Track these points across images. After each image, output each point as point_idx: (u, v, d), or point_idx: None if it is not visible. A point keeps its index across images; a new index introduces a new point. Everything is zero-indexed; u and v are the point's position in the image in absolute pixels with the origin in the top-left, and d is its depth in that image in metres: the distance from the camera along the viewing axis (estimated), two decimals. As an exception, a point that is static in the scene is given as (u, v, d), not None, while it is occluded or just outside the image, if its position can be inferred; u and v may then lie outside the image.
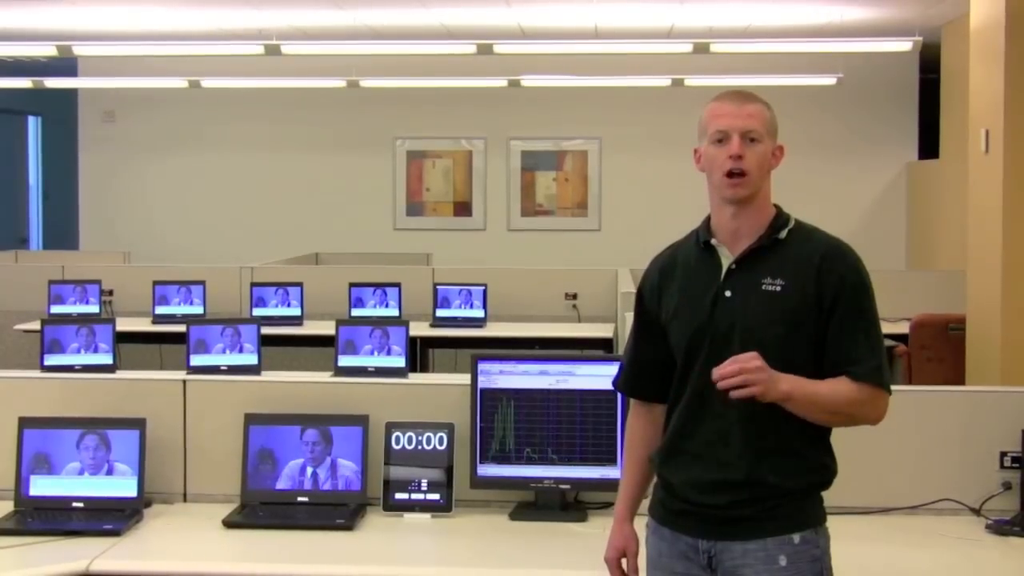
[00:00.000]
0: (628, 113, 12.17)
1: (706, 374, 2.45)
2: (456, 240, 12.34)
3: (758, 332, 2.45)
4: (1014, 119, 5.92)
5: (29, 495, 3.43)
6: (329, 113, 12.47)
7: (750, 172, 2.48)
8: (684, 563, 2.52)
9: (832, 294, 2.46)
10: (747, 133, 2.48)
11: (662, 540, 2.57)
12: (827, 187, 11.40)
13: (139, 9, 9.70)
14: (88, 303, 8.03)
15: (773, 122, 2.54)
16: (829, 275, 2.46)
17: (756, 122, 2.49)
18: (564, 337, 7.51)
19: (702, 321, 2.50)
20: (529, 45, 10.53)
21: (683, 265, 2.60)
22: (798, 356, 2.45)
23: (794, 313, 2.46)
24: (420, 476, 3.47)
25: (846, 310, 2.46)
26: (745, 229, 2.52)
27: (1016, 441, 3.39)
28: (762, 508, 2.44)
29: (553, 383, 3.49)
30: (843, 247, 2.52)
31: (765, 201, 2.54)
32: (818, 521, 2.49)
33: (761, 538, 2.44)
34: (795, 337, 2.45)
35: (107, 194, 12.79)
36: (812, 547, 2.45)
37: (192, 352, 5.64)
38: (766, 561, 2.43)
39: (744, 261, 2.51)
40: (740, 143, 2.47)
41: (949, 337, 6.87)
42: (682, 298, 2.56)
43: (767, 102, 2.56)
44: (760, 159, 2.49)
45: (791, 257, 2.49)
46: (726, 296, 2.50)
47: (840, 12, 9.66)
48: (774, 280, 2.47)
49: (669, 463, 2.56)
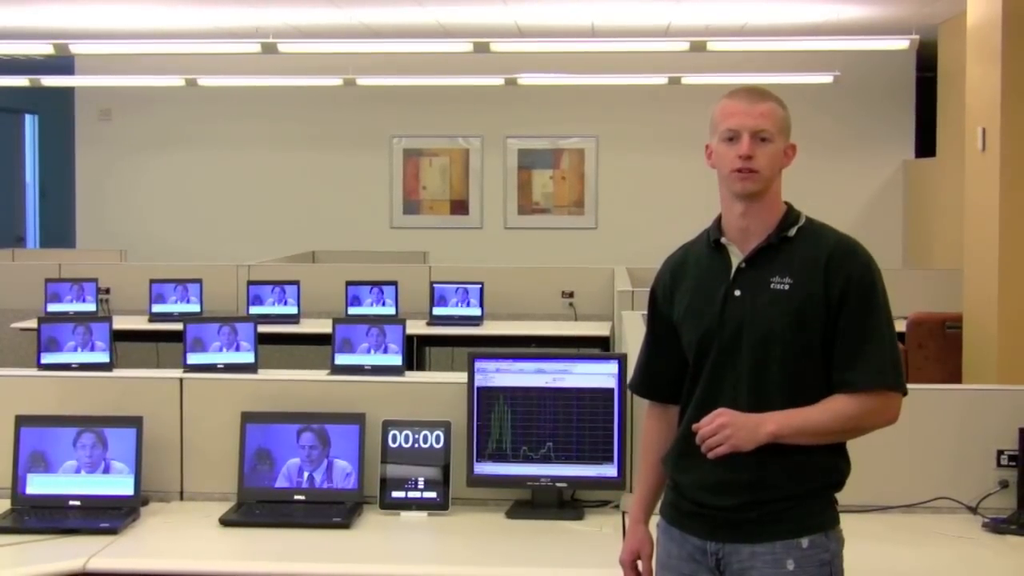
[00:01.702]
0: (625, 111, 12.17)
1: (715, 374, 2.47)
2: (453, 238, 12.33)
3: (766, 332, 2.44)
4: (1011, 117, 5.92)
5: (26, 493, 3.43)
6: (326, 111, 12.47)
7: (760, 170, 2.47)
8: (692, 565, 2.51)
9: (839, 293, 2.44)
10: (758, 132, 2.47)
11: (671, 541, 2.56)
12: (824, 185, 11.40)
13: (135, 8, 9.68)
14: (85, 301, 8.02)
15: (786, 120, 2.52)
16: (837, 274, 2.44)
17: (767, 121, 2.47)
18: (561, 335, 7.52)
19: (712, 321, 2.50)
20: (526, 43, 10.52)
21: (694, 264, 2.58)
22: (807, 356, 2.44)
23: (801, 312, 2.44)
24: (417, 474, 3.47)
25: (852, 310, 2.44)
26: (754, 227, 2.51)
27: (1013, 439, 3.39)
28: (770, 511, 2.43)
29: (550, 381, 3.49)
30: (852, 245, 2.49)
31: (775, 199, 2.53)
32: (828, 524, 2.46)
33: (769, 541, 2.42)
34: (803, 336, 2.44)
35: (104, 192, 12.78)
36: (821, 551, 2.43)
37: (189, 350, 5.64)
38: (774, 565, 2.41)
39: (753, 260, 2.50)
40: (750, 143, 2.46)
41: (946, 335, 6.87)
42: (693, 298, 2.55)
43: (780, 99, 2.54)
44: (771, 158, 2.48)
45: (799, 256, 2.48)
46: (735, 295, 2.49)
47: (837, 10, 9.66)
48: (782, 279, 2.46)
49: (679, 464, 2.56)
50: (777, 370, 2.45)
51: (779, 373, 2.45)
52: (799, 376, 2.45)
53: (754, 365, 2.46)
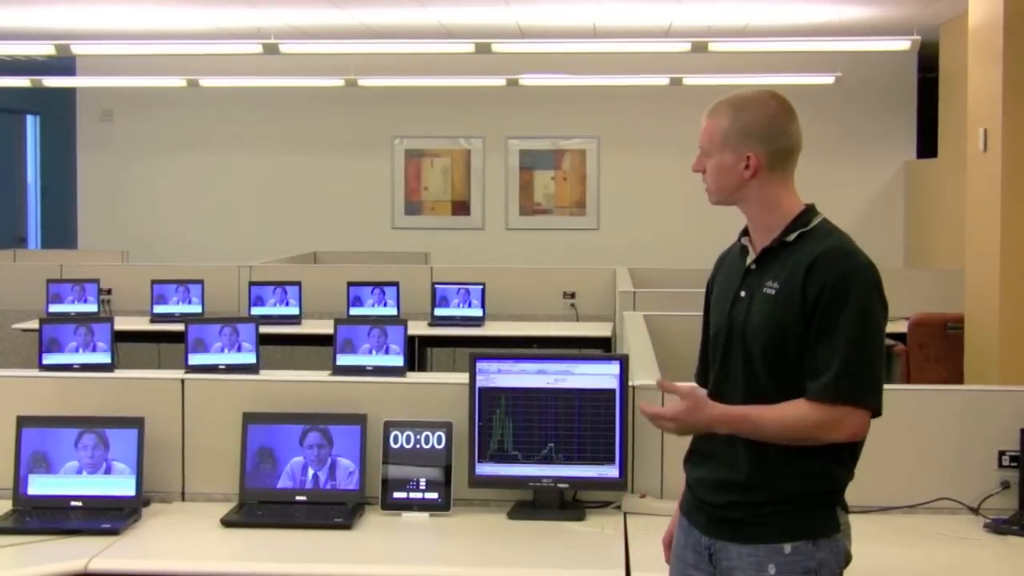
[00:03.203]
0: (626, 112, 12.17)
1: (720, 374, 2.54)
2: (454, 239, 12.34)
3: (752, 334, 2.48)
4: (1012, 118, 5.92)
5: (27, 494, 3.43)
6: (327, 112, 12.47)
7: (707, 184, 2.58)
8: (694, 555, 2.57)
9: (813, 299, 2.41)
10: (702, 148, 2.58)
11: (682, 530, 2.63)
12: (825, 186, 11.29)
13: (137, 8, 9.69)
14: (86, 302, 8.03)
15: (729, 133, 2.51)
16: (814, 279, 2.42)
17: (704, 137, 2.57)
18: (562, 336, 7.51)
19: (722, 321, 2.56)
20: (527, 44, 10.52)
21: (728, 262, 2.66)
22: (786, 362, 2.45)
23: (781, 317, 2.44)
24: (418, 475, 3.47)
25: (822, 317, 2.41)
26: (764, 230, 2.54)
27: (1014, 440, 3.39)
28: (756, 513, 2.44)
29: (551, 382, 3.49)
30: (840, 251, 2.45)
31: (769, 203, 2.52)
32: (817, 532, 2.43)
33: (753, 543, 2.44)
34: (781, 342, 2.44)
35: (105, 193, 12.79)
36: (806, 559, 2.41)
37: (190, 351, 5.64)
38: (756, 567, 2.43)
39: (759, 263, 2.53)
40: (698, 159, 2.58)
41: (947, 336, 6.87)
42: (718, 294, 2.64)
43: (734, 107, 2.52)
44: (714, 172, 2.55)
45: (792, 260, 2.48)
46: (740, 297, 2.54)
47: (838, 11, 9.66)
48: (772, 283, 2.48)
49: (689, 459, 2.63)
50: (760, 374, 2.47)
51: (762, 377, 2.47)
52: (779, 380, 2.45)
53: (744, 366, 2.50)
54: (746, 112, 2.51)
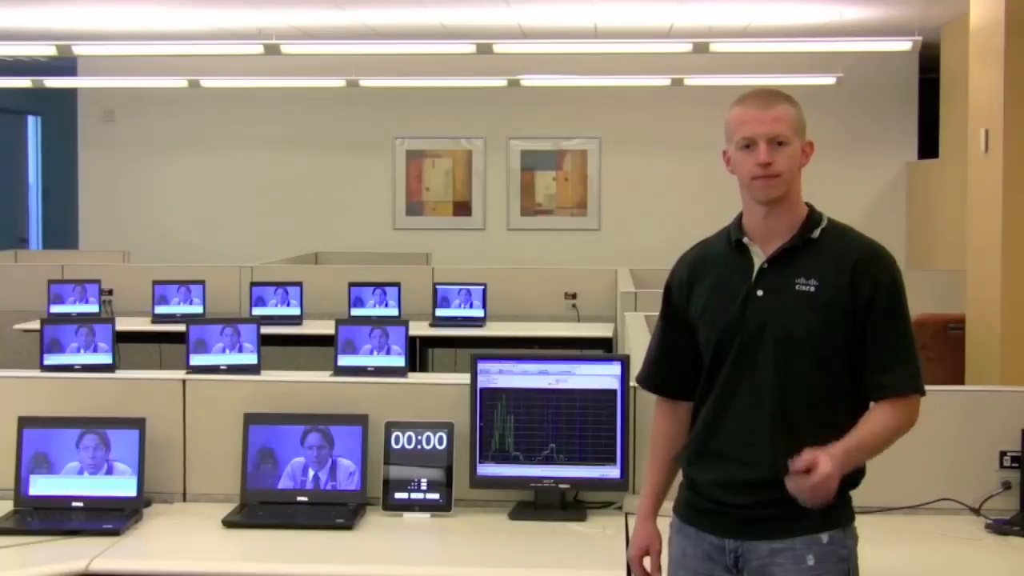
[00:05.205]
0: (628, 113, 12.17)
1: (734, 373, 2.48)
2: (456, 240, 12.34)
3: (790, 332, 2.45)
4: (1013, 119, 5.91)
5: (29, 495, 3.43)
6: (329, 113, 12.47)
7: (782, 173, 2.47)
8: (707, 563, 2.52)
9: (867, 297, 2.45)
10: (774, 138, 2.47)
11: (687, 540, 2.56)
12: (826, 187, 11.25)
13: (138, 9, 9.69)
14: (88, 303, 8.03)
15: (800, 120, 2.52)
16: (864, 278, 2.45)
17: (782, 125, 2.47)
18: (563, 336, 7.51)
19: (732, 320, 2.50)
20: (529, 45, 10.52)
21: (714, 263, 2.59)
22: (832, 356, 2.46)
23: (828, 314, 2.45)
24: (420, 476, 3.47)
25: (881, 313, 2.45)
26: (777, 228, 2.52)
27: (1016, 440, 3.39)
28: (789, 508, 2.41)
29: (552, 383, 3.49)
30: (878, 249, 2.52)
31: (796, 200, 2.54)
32: (846, 521, 2.49)
33: (789, 537, 2.43)
34: (828, 337, 2.45)
35: (107, 194, 12.79)
36: (839, 547, 2.45)
37: (192, 352, 5.64)
38: (794, 560, 2.42)
39: (776, 261, 2.51)
40: (767, 150, 2.46)
41: (949, 337, 6.86)
42: (712, 296, 2.56)
43: (792, 98, 2.54)
44: (789, 160, 2.48)
45: (824, 257, 2.49)
46: (758, 295, 2.50)
47: (840, 12, 9.66)
48: (807, 280, 2.47)
49: (696, 462, 2.56)
50: (799, 372, 2.46)
51: (800, 375, 2.46)
52: (820, 377, 2.46)
53: (776, 366, 2.46)
54: (797, 103, 2.54)
